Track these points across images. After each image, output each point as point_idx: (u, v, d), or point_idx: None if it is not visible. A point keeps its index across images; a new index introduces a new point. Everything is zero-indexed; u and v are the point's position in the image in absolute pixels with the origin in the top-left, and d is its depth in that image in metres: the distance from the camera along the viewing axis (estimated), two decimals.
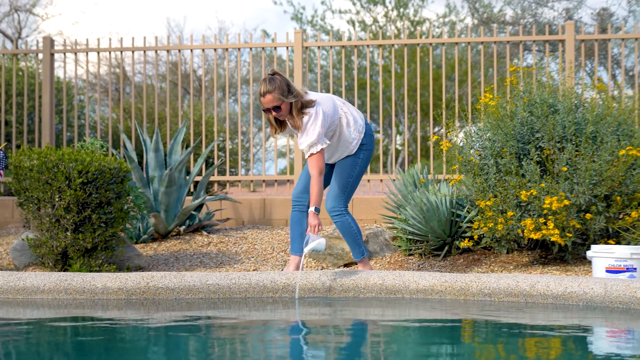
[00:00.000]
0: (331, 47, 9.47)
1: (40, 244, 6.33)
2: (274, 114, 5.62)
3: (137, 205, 7.00)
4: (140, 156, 10.25)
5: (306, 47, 9.36)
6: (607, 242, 6.27)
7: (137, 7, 36.63)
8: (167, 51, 9.65)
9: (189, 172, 9.02)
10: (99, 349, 3.78)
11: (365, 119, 5.97)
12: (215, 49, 9.59)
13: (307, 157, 5.59)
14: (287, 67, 9.45)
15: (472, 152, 6.67)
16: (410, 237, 6.92)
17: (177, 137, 8.10)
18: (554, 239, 5.94)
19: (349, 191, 5.88)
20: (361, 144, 5.87)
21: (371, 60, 23.05)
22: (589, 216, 6.03)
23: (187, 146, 10.01)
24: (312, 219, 5.47)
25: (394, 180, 7.62)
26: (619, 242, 6.27)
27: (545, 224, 6.02)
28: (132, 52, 9.67)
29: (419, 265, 6.71)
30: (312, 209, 5.49)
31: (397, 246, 7.09)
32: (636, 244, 6.08)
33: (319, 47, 9.45)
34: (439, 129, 17.98)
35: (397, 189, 7.35)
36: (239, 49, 9.59)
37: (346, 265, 6.82)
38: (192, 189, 8.97)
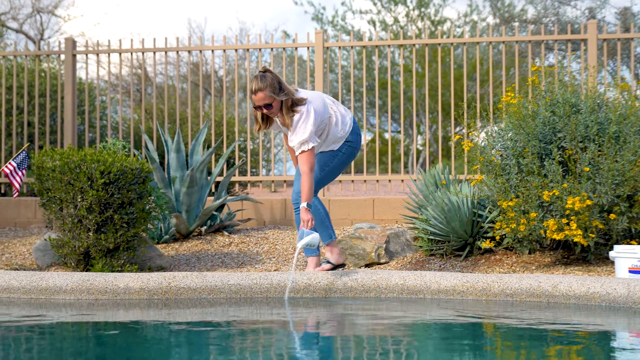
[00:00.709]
0: (352, 47, 9.46)
1: (62, 244, 6.36)
2: (264, 111, 5.61)
3: (159, 205, 7.03)
4: (161, 157, 10.28)
5: (327, 48, 9.36)
6: (630, 243, 6.23)
7: (159, 8, 36.77)
8: (189, 52, 9.67)
9: (210, 173, 9.04)
10: (122, 349, 3.79)
11: (353, 117, 5.96)
12: (236, 50, 9.61)
13: (297, 154, 5.57)
14: (307, 67, 9.46)
15: (493, 152, 6.64)
16: (431, 237, 6.90)
17: (198, 138, 8.12)
18: (577, 240, 5.90)
19: (321, 179, 5.84)
20: (346, 141, 5.86)
21: (392, 60, 23.01)
22: (612, 216, 5.99)
23: (209, 147, 10.04)
24: (305, 215, 5.46)
25: (415, 180, 7.60)
26: None
27: (567, 224, 5.98)
28: (154, 53, 9.71)
29: (440, 265, 6.69)
30: (303, 204, 5.48)
31: (418, 246, 7.08)
32: None
33: (339, 47, 9.43)
34: (460, 129, 17.92)
35: (419, 189, 7.33)
36: (260, 50, 9.60)
37: (367, 265, 6.81)
38: (213, 190, 8.99)
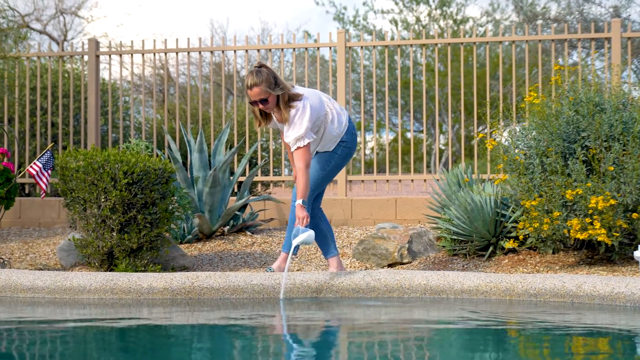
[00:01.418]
0: (374, 46, 9.45)
1: (86, 244, 6.40)
2: (260, 106, 5.61)
3: (182, 205, 7.05)
4: (184, 157, 10.31)
5: (349, 47, 9.35)
6: None
7: (181, 9, 36.88)
8: (211, 52, 9.70)
9: (232, 173, 9.06)
10: (146, 349, 3.81)
11: (349, 117, 5.94)
12: (258, 50, 9.62)
13: (293, 150, 5.56)
14: (330, 67, 9.45)
15: (516, 151, 6.62)
16: (454, 237, 6.88)
17: (221, 138, 8.13)
18: (601, 239, 5.87)
19: (318, 184, 5.84)
20: (341, 141, 5.84)
21: (414, 59, 22.97)
22: (636, 216, 5.95)
23: (231, 147, 10.05)
24: (300, 212, 5.46)
25: (438, 180, 7.58)
26: None
27: (591, 223, 5.95)
28: (176, 53, 9.73)
29: (463, 265, 6.67)
30: (299, 201, 5.47)
31: (441, 246, 7.06)
32: None
33: (361, 47, 9.41)
34: (482, 128, 17.86)
35: (441, 188, 7.31)
36: (282, 50, 9.61)
37: (390, 265, 6.80)
38: (235, 190, 9.01)
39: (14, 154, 9.60)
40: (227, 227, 8.01)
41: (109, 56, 9.93)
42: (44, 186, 6.46)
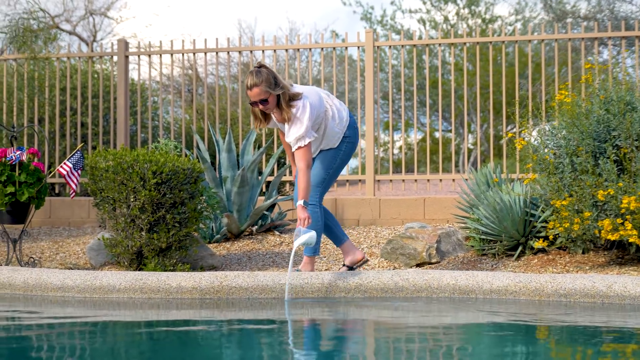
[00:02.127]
0: (402, 46, 9.42)
1: (115, 243, 6.43)
2: (260, 107, 5.60)
3: (210, 205, 7.06)
4: (213, 157, 10.34)
5: (377, 47, 9.33)
6: None
7: (209, 9, 37.00)
8: (239, 52, 9.72)
9: (261, 172, 9.07)
10: (176, 348, 3.82)
11: (349, 111, 5.92)
12: (286, 50, 9.63)
13: (294, 149, 5.55)
14: (358, 66, 9.44)
15: (546, 150, 6.57)
16: (483, 237, 6.85)
17: (249, 138, 8.15)
18: (632, 240, 5.82)
19: (326, 183, 5.84)
20: (344, 136, 5.83)
21: (442, 59, 22.91)
22: None
23: (259, 146, 10.07)
24: (301, 213, 5.44)
25: (467, 179, 7.55)
26: None
27: (622, 224, 5.90)
28: (205, 53, 9.76)
29: (492, 265, 6.63)
30: (300, 202, 5.46)
31: (469, 246, 7.03)
32: None
33: (389, 47, 9.39)
34: (511, 127, 17.77)
35: (470, 188, 7.28)
36: (310, 49, 9.61)
37: (418, 265, 6.78)
38: (264, 189, 9.02)
39: (44, 154, 9.67)
40: (256, 226, 8.02)
41: (138, 57, 9.99)
42: (74, 186, 6.51)
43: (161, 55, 9.89)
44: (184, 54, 9.75)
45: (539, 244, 6.43)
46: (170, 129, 12.56)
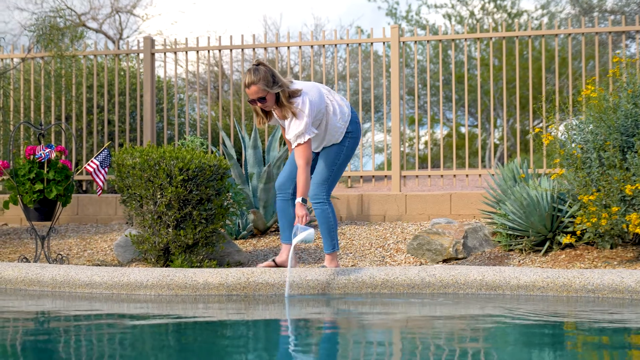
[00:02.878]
0: (428, 41, 9.39)
1: (142, 240, 6.46)
2: (259, 105, 5.59)
3: (237, 201, 7.08)
4: (239, 153, 10.37)
5: (402, 42, 9.30)
6: None
7: (234, 6, 37.04)
8: (265, 49, 9.73)
9: None
10: (204, 345, 3.83)
11: (351, 106, 5.90)
12: (311, 46, 9.63)
13: (294, 147, 5.54)
14: (383, 62, 9.42)
15: (573, 145, 6.53)
16: (510, 232, 6.82)
17: (275, 134, 8.16)
18: None
19: (332, 179, 5.82)
20: (347, 132, 5.81)
21: (468, 54, 22.82)
22: None
23: (285, 143, 10.07)
24: (299, 210, 5.43)
25: (493, 175, 7.52)
26: None
27: None
28: (230, 50, 9.78)
29: (519, 261, 6.60)
30: (298, 199, 5.44)
31: (496, 242, 7.00)
32: None
33: (415, 42, 9.36)
34: (538, 122, 17.67)
35: (496, 183, 7.25)
36: (335, 45, 9.60)
37: (445, 260, 6.76)
38: None
39: (71, 152, 9.74)
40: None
41: (164, 54, 10.01)
42: (101, 184, 6.55)
43: (187, 52, 9.92)
44: (209, 51, 9.77)
45: (566, 240, 6.39)
46: (196, 125, 12.60)
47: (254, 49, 9.79)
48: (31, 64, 10.11)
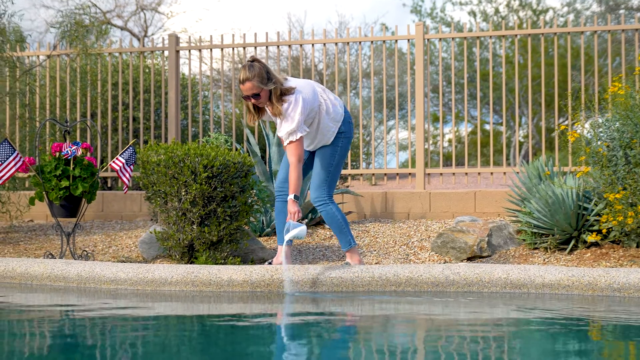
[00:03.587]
0: (452, 38, 9.36)
1: (167, 237, 6.48)
2: (253, 101, 5.61)
3: (261, 198, 7.09)
4: (263, 150, 10.38)
5: (427, 40, 9.28)
6: None
7: (259, 3, 37.09)
8: (289, 46, 9.73)
9: None
10: (229, 341, 3.84)
11: (344, 106, 5.90)
12: (336, 43, 9.62)
13: (285, 144, 5.56)
14: (407, 60, 9.40)
15: (599, 143, 6.49)
16: (535, 230, 6.78)
17: None
18: None
19: (330, 180, 5.84)
20: (339, 132, 5.82)
21: (493, 51, 22.73)
22: None
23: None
24: (292, 207, 5.44)
25: (518, 172, 7.48)
26: None
27: None
28: (255, 47, 9.79)
29: (544, 259, 6.57)
30: (291, 196, 5.46)
31: (521, 240, 6.97)
32: None
33: (439, 39, 9.33)
34: (563, 119, 17.57)
35: (521, 181, 7.22)
36: (359, 43, 9.59)
37: (469, 259, 6.74)
38: None
39: (97, 149, 9.79)
40: (306, 220, 8.04)
41: (189, 51, 10.04)
42: (126, 181, 6.58)
43: (211, 49, 9.95)
44: (234, 49, 9.79)
45: (592, 238, 6.36)
46: (220, 123, 12.63)
47: (278, 47, 9.80)
48: (57, 61, 10.17)
